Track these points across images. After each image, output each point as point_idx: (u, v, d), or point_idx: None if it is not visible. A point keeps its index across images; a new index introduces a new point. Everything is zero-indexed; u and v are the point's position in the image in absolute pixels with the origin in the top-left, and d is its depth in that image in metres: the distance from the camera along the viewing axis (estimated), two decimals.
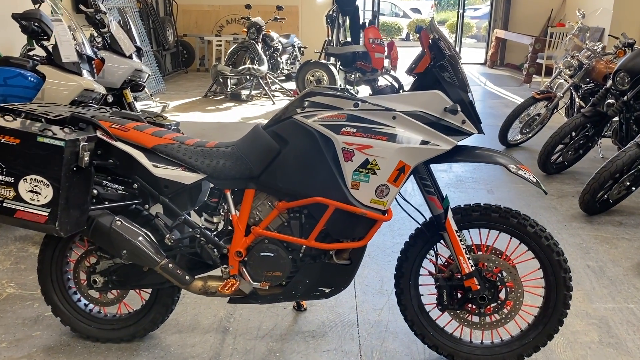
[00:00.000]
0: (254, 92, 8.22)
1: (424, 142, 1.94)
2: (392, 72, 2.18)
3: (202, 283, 2.20)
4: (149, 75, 4.22)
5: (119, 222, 2.09)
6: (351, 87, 7.90)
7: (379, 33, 1.93)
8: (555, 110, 5.46)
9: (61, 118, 2.08)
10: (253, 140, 2.09)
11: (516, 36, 10.56)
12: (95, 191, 2.11)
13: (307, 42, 10.34)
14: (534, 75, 9.56)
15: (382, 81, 2.13)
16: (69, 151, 1.89)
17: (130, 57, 4.02)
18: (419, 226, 2.19)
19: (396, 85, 2.10)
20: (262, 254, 2.11)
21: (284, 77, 9.59)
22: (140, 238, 2.10)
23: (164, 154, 2.11)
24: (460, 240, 2.08)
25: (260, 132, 2.09)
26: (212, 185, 2.18)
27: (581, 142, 4.68)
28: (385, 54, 2.05)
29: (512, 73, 11.07)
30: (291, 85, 9.09)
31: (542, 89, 5.55)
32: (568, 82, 5.25)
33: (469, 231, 2.19)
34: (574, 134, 4.65)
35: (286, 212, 2.11)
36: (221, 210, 2.20)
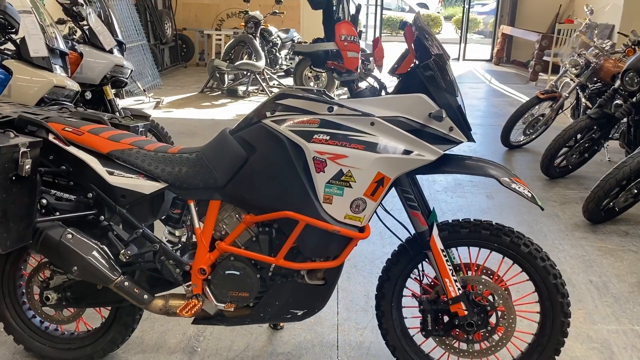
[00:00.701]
0: (251, 88, 8.02)
1: (406, 152, 1.73)
2: (374, 73, 1.97)
3: (164, 302, 2.00)
4: (132, 70, 4.01)
5: (69, 235, 1.90)
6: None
7: (353, 29, 1.71)
8: (560, 111, 5.23)
9: (7, 120, 1.89)
10: (219, 146, 1.89)
11: (523, 32, 10.28)
12: (44, 201, 1.91)
13: (308, 37, 10.08)
14: (540, 73, 9.29)
15: (364, 83, 1.92)
16: (6, 158, 1.69)
17: (110, 51, 3.82)
18: (402, 243, 1.99)
19: (377, 86, 1.89)
20: (227, 272, 1.91)
21: (282, 73, 9.37)
22: (94, 253, 1.90)
23: (121, 160, 1.92)
24: (447, 261, 1.87)
25: (226, 138, 1.88)
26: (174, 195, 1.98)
27: (586, 145, 4.44)
28: (366, 51, 1.83)
29: (518, 70, 10.80)
30: (290, 81, 8.87)
31: (547, 89, 5.31)
32: (574, 82, 5.01)
33: (457, 249, 1.98)
34: (579, 136, 4.41)
35: (255, 226, 1.91)
36: (185, 223, 2.01)
